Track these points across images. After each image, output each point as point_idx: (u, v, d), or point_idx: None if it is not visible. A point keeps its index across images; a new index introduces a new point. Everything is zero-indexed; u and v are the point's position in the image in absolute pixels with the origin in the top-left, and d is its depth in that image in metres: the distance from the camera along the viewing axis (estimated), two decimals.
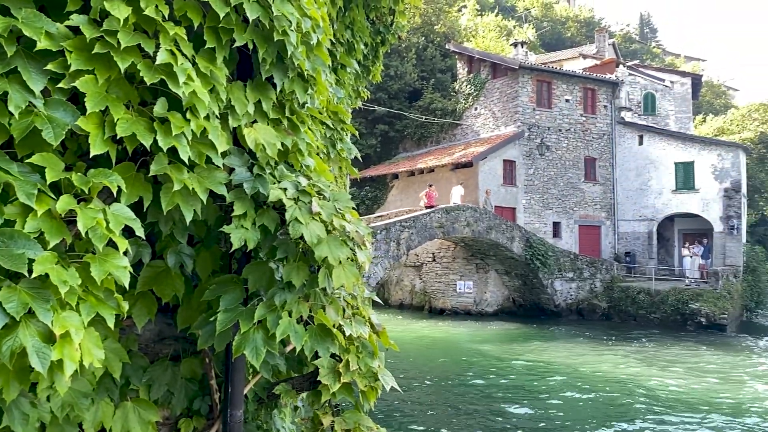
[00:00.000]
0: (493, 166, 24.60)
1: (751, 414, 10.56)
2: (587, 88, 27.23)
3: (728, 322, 19.77)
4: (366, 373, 2.33)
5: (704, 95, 57.10)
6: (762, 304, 24.81)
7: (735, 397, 11.73)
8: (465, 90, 28.76)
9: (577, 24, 64.46)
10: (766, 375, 13.92)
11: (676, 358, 15.51)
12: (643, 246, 26.41)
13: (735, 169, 24.66)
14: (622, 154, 27.35)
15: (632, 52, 64.32)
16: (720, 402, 11.30)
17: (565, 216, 26.22)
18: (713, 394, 11.91)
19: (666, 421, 10.00)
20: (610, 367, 14.23)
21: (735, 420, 10.16)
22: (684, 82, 32.01)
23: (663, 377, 13.25)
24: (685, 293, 20.76)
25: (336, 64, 4.74)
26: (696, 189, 25.18)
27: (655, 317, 21.17)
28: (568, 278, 22.72)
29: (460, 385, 12.38)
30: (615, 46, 41.63)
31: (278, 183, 1.95)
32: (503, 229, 21.14)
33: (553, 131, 26.23)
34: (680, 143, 25.96)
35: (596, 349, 16.72)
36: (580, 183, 26.68)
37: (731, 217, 24.32)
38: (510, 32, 47.14)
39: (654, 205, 26.27)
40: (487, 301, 23.09)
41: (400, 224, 18.23)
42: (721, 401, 11.36)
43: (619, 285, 22.88)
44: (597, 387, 12.27)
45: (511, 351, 16.30)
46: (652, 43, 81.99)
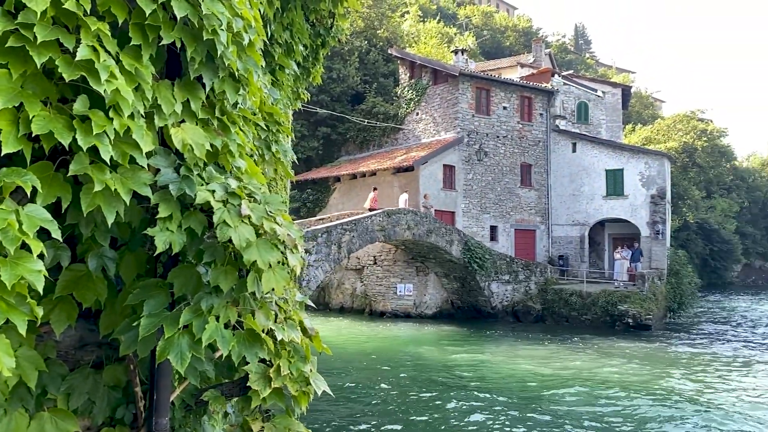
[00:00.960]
0: (433, 171, 24.96)
1: (669, 407, 11.13)
2: (524, 96, 28.06)
3: (653, 323, 20.80)
4: (297, 378, 2.31)
5: (633, 105, 59.95)
6: (684, 306, 26.21)
7: (655, 392, 12.34)
8: (407, 95, 29.06)
9: (516, 33, 66.37)
10: (684, 372, 14.72)
11: (602, 357, 16.16)
12: (576, 250, 27.44)
13: (661, 177, 25.99)
14: (556, 160, 28.33)
15: (568, 62, 66.80)
16: (641, 396, 11.86)
17: (502, 220, 26.90)
18: (635, 389, 12.47)
19: (594, 416, 10.40)
20: (540, 367, 14.67)
21: (654, 413, 10.68)
22: (615, 93, 33.53)
23: (589, 375, 13.78)
24: (614, 295, 21.70)
25: (274, 65, 4.70)
26: (625, 195, 26.38)
27: (586, 318, 22.01)
28: (505, 281, 23.32)
29: (396, 387, 12.46)
30: (551, 56, 43.13)
31: (206, 185, 1.91)
32: (443, 232, 21.46)
33: (492, 137, 26.88)
34: (611, 151, 27.14)
35: (529, 350, 17.21)
36: (517, 188, 27.45)
37: (657, 222, 25.61)
38: (451, 39, 48.01)
39: (586, 210, 27.34)
40: (427, 304, 23.37)
41: (341, 227, 18.21)
42: (642, 396, 11.91)
43: (553, 287, 23.67)
44: (527, 386, 12.63)
45: (449, 353, 16.56)
46: (587, 54, 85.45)
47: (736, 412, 11.06)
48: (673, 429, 9.90)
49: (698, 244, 47.46)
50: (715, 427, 10.05)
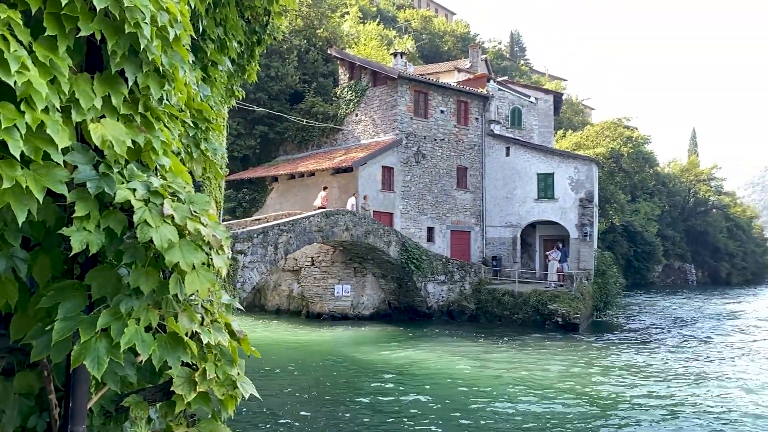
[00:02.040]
0: (372, 172, 25.05)
1: (590, 401, 11.64)
2: (461, 101, 28.63)
3: (581, 321, 21.67)
4: (224, 381, 2.26)
5: (565, 112, 62.26)
6: (609, 305, 27.41)
7: (580, 389, 12.86)
8: (346, 96, 29.04)
9: (453, 38, 67.59)
10: (607, 368, 15.42)
11: (533, 356, 16.69)
12: (509, 250, 28.23)
13: (589, 181, 27.12)
14: (491, 164, 29.06)
15: (503, 68, 68.60)
16: (566, 392, 12.33)
17: (439, 221, 27.34)
18: (561, 385, 12.96)
19: (523, 413, 10.73)
20: (473, 365, 15.01)
21: (579, 410, 11.14)
22: (547, 99, 34.71)
23: (520, 373, 14.21)
24: (545, 295, 22.46)
25: (206, 61, 4.59)
26: (555, 198, 27.36)
27: (517, 317, 22.68)
28: (440, 281, 23.69)
29: (330, 388, 12.43)
30: (487, 62, 44.17)
31: (127, 183, 1.85)
32: (381, 233, 21.57)
33: (429, 140, 27.26)
34: (543, 156, 28.08)
35: (463, 349, 17.55)
36: (453, 190, 27.96)
37: (585, 224, 26.71)
38: (391, 42, 48.36)
39: (518, 212, 28.18)
40: (364, 305, 23.42)
41: (278, 228, 17.97)
42: (568, 393, 12.40)
43: (487, 287, 24.25)
44: (460, 384, 12.88)
45: (385, 353, 16.66)
46: (521, 61, 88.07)
47: (652, 406, 11.67)
48: (597, 425, 10.34)
49: (623, 245, 49.86)
50: (636, 423, 10.58)
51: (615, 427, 10.16)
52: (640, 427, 10.19)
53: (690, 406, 11.63)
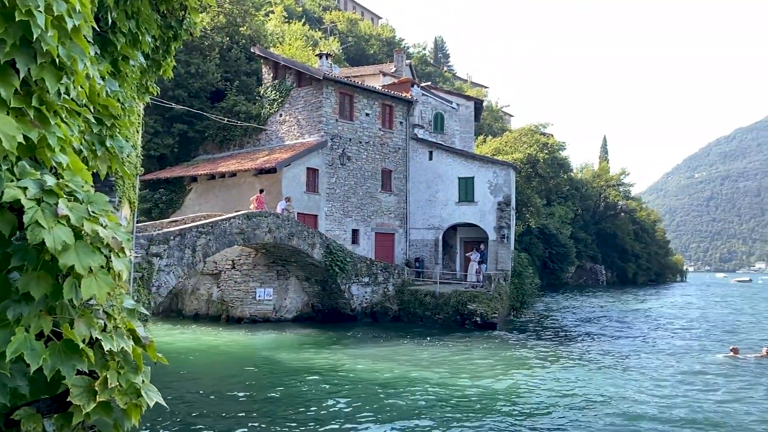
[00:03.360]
0: (296, 173, 24.80)
1: (507, 397, 12.05)
2: (386, 104, 28.89)
3: (498, 321, 22.40)
4: (127, 390, 2.16)
5: (485, 118, 64.19)
6: (526, 304, 28.55)
7: (496, 384, 13.30)
8: (270, 95, 28.59)
9: (379, 42, 68.11)
10: (523, 364, 16.03)
11: (452, 355, 17.07)
12: (431, 252, 28.77)
13: (507, 186, 28.10)
14: (414, 167, 29.51)
15: (427, 74, 69.86)
16: (485, 389, 12.71)
17: (364, 224, 27.45)
18: (480, 382, 13.34)
19: (444, 410, 10.95)
20: (395, 366, 15.16)
21: (498, 403, 11.51)
22: (468, 106, 35.67)
23: (440, 372, 14.50)
24: (464, 295, 23.04)
25: (117, 54, 4.38)
26: (475, 202, 28.16)
27: (438, 318, 23.13)
28: (364, 283, 23.78)
29: (252, 394, 12.18)
30: (412, 67, 44.83)
31: (17, 181, 1.73)
32: (305, 236, 21.38)
33: (354, 143, 27.32)
34: (464, 160, 28.84)
35: (385, 350, 17.69)
36: (378, 193, 28.17)
37: (503, 227, 27.64)
38: (316, 43, 48.11)
39: (440, 215, 28.78)
40: (287, 308, 23.12)
41: (197, 230, 17.40)
42: (486, 388, 12.78)
43: (409, 288, 24.58)
44: (382, 385, 12.98)
45: (307, 356, 16.52)
46: (445, 67, 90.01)
47: (565, 399, 12.24)
48: (516, 420, 10.71)
49: (539, 247, 51.99)
50: (550, 415, 11.04)
51: (532, 419, 10.56)
52: (553, 418, 10.65)
53: (598, 396, 12.28)
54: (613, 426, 10.35)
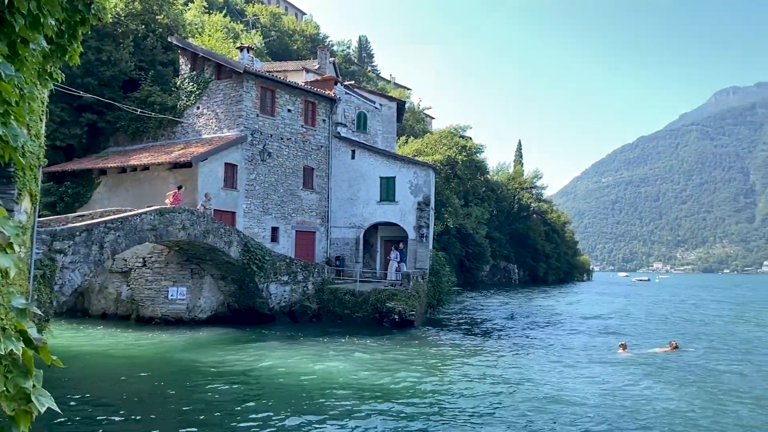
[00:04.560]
0: (214, 169, 24.10)
1: (425, 392, 12.32)
2: (308, 101, 28.65)
3: (416, 318, 22.80)
4: (16, 395, 2.04)
5: (407, 119, 65.08)
6: (442, 302, 29.24)
7: (413, 380, 13.55)
8: (187, 87, 27.61)
9: (303, 38, 67.45)
10: (438, 360, 16.43)
11: (370, 352, 17.22)
12: (352, 251, 28.86)
13: (427, 186, 28.64)
14: (337, 166, 29.48)
15: (351, 72, 69.94)
16: (401, 385, 12.92)
17: (284, 221, 27.09)
18: (396, 378, 13.55)
19: (362, 407, 11.02)
20: (312, 365, 15.10)
21: (416, 398, 11.73)
22: (391, 106, 36.09)
23: (357, 370, 14.59)
24: (383, 294, 23.28)
25: (14, 36, 4.09)
26: (396, 201, 28.51)
27: (358, 316, 23.25)
28: (283, 282, 23.48)
29: (162, 397, 11.73)
30: (335, 65, 44.72)
31: None
32: (221, 233, 20.82)
33: (276, 139, 26.90)
34: (385, 160, 29.12)
35: (304, 349, 17.58)
36: (299, 190, 27.89)
37: (422, 226, 28.16)
38: (238, 36, 46.97)
39: (362, 214, 28.93)
40: (201, 307, 22.43)
41: (105, 225, 16.52)
42: (401, 384, 12.99)
43: (329, 287, 24.53)
44: (299, 386, 12.90)
45: (222, 357, 16.12)
46: (368, 67, 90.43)
47: (477, 392, 12.65)
48: (432, 415, 10.94)
49: (456, 246, 53.37)
50: (463, 410, 11.37)
51: (448, 413, 10.82)
52: (467, 411, 10.97)
53: (509, 387, 12.78)
54: (525, 415, 10.81)
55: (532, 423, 10.51)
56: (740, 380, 14.94)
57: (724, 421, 10.92)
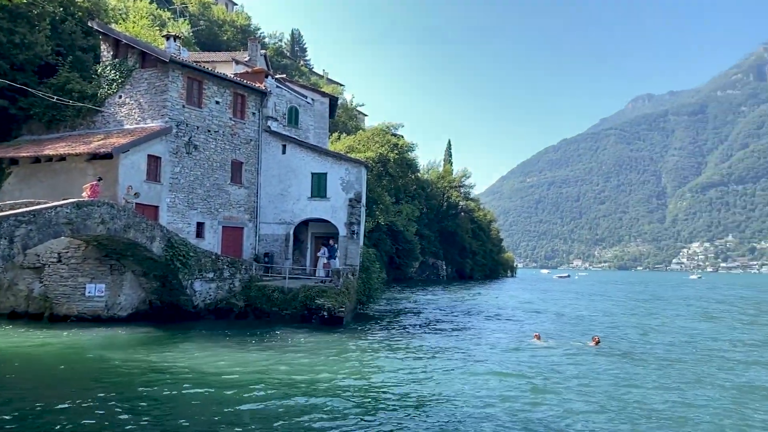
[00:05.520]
0: (136, 161, 23.17)
1: (353, 389, 12.41)
2: (238, 93, 28.04)
3: (345, 315, 22.85)
4: None
5: (340, 116, 64.95)
6: (372, 298, 29.46)
7: (337, 377, 13.62)
8: (109, 75, 26.35)
9: (233, 29, 65.85)
10: (367, 356, 16.58)
11: (296, 351, 17.12)
12: (281, 247, 28.54)
13: (358, 183, 28.73)
14: (267, 160, 29.03)
15: (283, 66, 68.96)
16: (328, 382, 12.96)
17: (210, 217, 26.42)
18: (323, 376, 13.57)
19: (285, 405, 10.96)
20: (238, 364, 14.87)
21: (341, 397, 11.79)
22: (323, 102, 35.88)
23: (284, 368, 14.49)
24: (313, 290, 23.18)
25: None
26: (327, 197, 28.44)
27: (286, 313, 23.04)
28: (209, 278, 22.92)
29: (77, 400, 11.20)
30: (266, 58, 43.95)
31: None
32: (143, 228, 20.05)
33: (203, 131, 26.17)
34: (317, 156, 28.96)
35: (228, 348, 17.26)
36: (227, 185, 27.27)
37: (353, 223, 28.24)
38: (164, 24, 45.30)
39: (292, 210, 28.65)
40: (121, 305, 21.53)
41: (15, 218, 15.54)
42: (329, 382, 13.03)
43: (257, 284, 24.16)
44: (222, 384, 12.67)
45: (143, 356, 15.57)
46: (301, 61, 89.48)
47: (404, 388, 12.87)
48: (357, 411, 11.02)
49: (387, 243, 53.86)
50: (388, 406, 11.53)
51: (375, 408, 10.94)
52: (394, 406, 11.14)
53: (436, 382, 13.08)
54: (446, 410, 11.10)
55: (451, 417, 10.80)
56: (650, 376, 15.95)
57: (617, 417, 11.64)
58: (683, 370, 16.18)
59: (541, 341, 20.38)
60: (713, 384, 14.43)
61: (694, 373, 15.89)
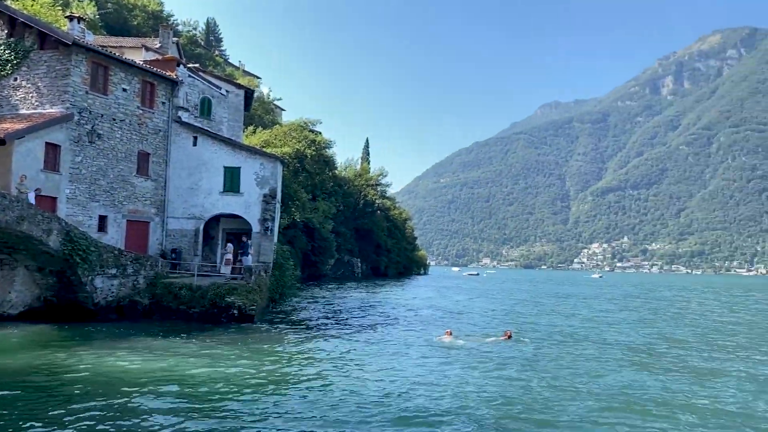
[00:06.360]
0: (32, 148, 21.65)
1: (258, 388, 12.29)
2: (147, 81, 26.82)
3: (256, 313, 22.49)
4: None
5: (256, 109, 63.57)
6: (285, 296, 29.18)
7: (256, 375, 13.44)
8: (3, 55, 24.38)
9: (144, 14, 62.88)
10: (276, 356, 16.44)
11: (204, 350, 16.70)
12: (190, 243, 27.61)
13: (273, 178, 28.32)
14: (176, 152, 27.97)
15: (197, 55, 66.58)
16: (244, 381, 12.75)
17: (114, 210, 25.12)
18: (239, 375, 13.35)
19: (191, 407, 10.69)
20: (140, 364, 14.31)
21: (241, 395, 11.64)
22: (239, 94, 35.03)
23: (190, 368, 14.11)
24: (223, 288, 22.63)
25: None
26: (241, 193, 27.83)
27: (194, 311, 22.34)
28: (111, 275, 21.80)
29: None
30: (179, 46, 42.39)
31: None
32: (39, 220, 18.76)
33: (107, 119, 24.83)
34: (231, 149, 28.26)
35: (132, 347, 16.55)
36: (132, 177, 26.02)
37: (267, 219, 27.82)
38: (68, 4, 42.55)
39: (203, 204, 27.79)
40: (12, 302, 20.05)
41: None
42: (245, 381, 12.83)
43: (163, 281, 23.25)
44: (122, 385, 12.17)
45: (36, 358, 14.61)
46: (216, 51, 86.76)
47: (313, 386, 12.90)
48: (267, 408, 10.92)
49: (302, 240, 53.42)
50: (297, 404, 11.52)
51: (284, 408, 10.88)
52: (298, 406, 11.14)
53: (345, 380, 13.20)
54: (362, 410, 11.24)
55: (357, 414, 10.97)
56: (562, 368, 16.87)
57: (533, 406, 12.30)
58: (593, 363, 17.25)
59: (452, 338, 20.83)
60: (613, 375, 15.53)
61: (598, 370, 16.98)
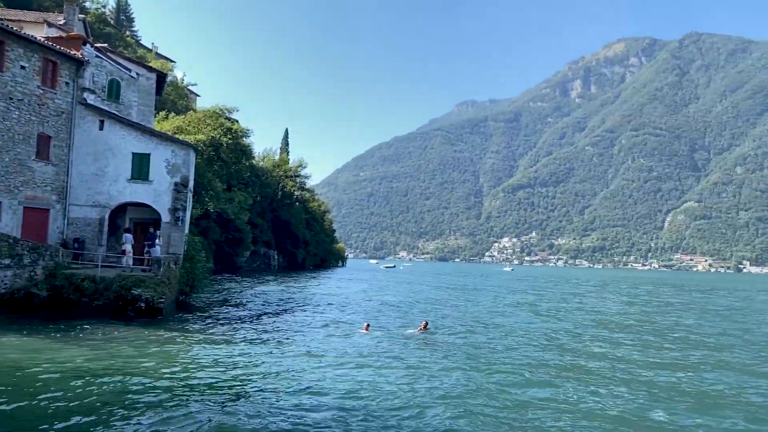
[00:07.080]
0: None
1: (168, 383, 11.96)
2: (49, 60, 25.08)
3: (165, 306, 21.71)
4: None
5: (169, 94, 61.08)
6: (196, 288, 28.33)
7: (158, 369, 13.04)
8: None
9: None
10: (185, 350, 16.03)
11: (107, 344, 16.01)
12: (94, 233, 26.18)
13: (186, 167, 27.34)
14: (81, 136, 26.37)
15: (105, 35, 62.96)
16: (141, 376, 12.34)
17: (9, 196, 23.36)
18: (139, 369, 12.89)
19: (94, 403, 10.25)
20: (38, 360, 13.52)
21: (157, 388, 11.30)
22: (150, 77, 33.43)
23: (96, 361, 13.50)
24: (129, 280, 21.67)
25: None
26: (150, 180, 26.67)
27: (98, 304, 21.27)
28: (5, 265, 20.30)
29: None
30: (86, 24, 39.87)
31: None
32: None
33: (3, 98, 23.01)
34: (140, 135, 26.99)
35: (28, 342, 15.57)
36: (30, 161, 24.29)
37: (178, 209, 26.85)
38: None
39: (109, 192, 26.41)
40: None
41: None
42: (142, 375, 12.42)
43: (64, 272, 21.93)
44: (22, 383, 11.48)
45: None
46: (127, 31, 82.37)
47: (224, 380, 12.70)
48: (174, 404, 10.65)
49: (216, 231, 52.06)
50: (203, 400, 11.31)
51: (192, 404, 10.65)
52: (206, 400, 10.95)
53: (260, 375, 13.08)
54: (278, 404, 11.19)
55: (272, 408, 10.95)
56: (474, 354, 17.50)
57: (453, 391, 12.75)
58: (506, 352, 18.02)
59: (369, 332, 21.01)
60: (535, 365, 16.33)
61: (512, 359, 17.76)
